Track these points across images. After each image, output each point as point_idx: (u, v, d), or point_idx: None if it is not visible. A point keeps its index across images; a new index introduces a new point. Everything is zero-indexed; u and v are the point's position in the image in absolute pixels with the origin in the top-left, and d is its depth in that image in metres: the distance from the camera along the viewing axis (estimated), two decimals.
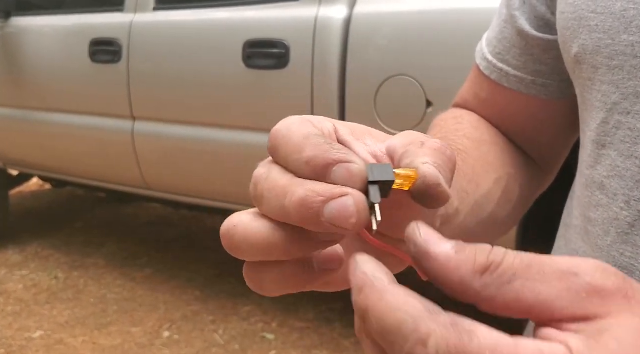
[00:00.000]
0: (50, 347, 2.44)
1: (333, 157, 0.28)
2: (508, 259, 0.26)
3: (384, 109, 1.97)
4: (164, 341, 2.47)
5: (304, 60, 2.11)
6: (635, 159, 0.41)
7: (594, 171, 0.45)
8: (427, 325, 0.24)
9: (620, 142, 0.43)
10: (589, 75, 0.45)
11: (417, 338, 0.24)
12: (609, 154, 0.44)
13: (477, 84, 0.61)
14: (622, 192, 0.42)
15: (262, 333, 2.50)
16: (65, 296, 2.88)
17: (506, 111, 0.59)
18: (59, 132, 2.96)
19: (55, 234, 3.61)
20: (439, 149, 0.30)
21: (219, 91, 2.37)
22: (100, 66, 2.69)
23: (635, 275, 0.41)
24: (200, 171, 2.53)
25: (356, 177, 0.28)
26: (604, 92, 0.44)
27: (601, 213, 0.44)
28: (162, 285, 2.94)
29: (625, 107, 0.42)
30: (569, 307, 0.25)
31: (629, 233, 0.42)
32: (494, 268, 0.26)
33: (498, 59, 0.57)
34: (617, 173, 0.43)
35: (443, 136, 0.54)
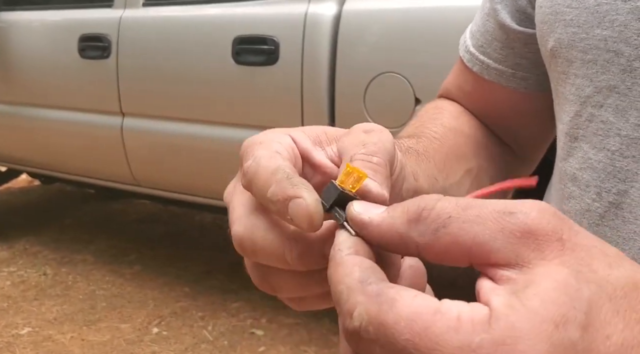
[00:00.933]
0: (38, 344, 2.43)
1: (288, 193, 0.30)
2: (442, 203, 0.26)
3: (373, 106, 1.98)
4: (152, 337, 2.47)
5: (294, 56, 2.11)
6: (606, 151, 0.42)
7: (567, 164, 0.46)
8: (355, 297, 0.25)
9: (593, 134, 0.43)
10: (564, 69, 0.46)
11: (347, 310, 0.25)
12: (581, 147, 0.45)
13: (460, 75, 0.62)
14: (594, 184, 0.43)
15: (251, 329, 2.51)
16: (53, 292, 2.87)
17: (487, 103, 0.60)
18: (47, 128, 2.94)
19: (43, 231, 3.59)
20: (365, 159, 0.32)
21: (208, 87, 2.36)
22: (89, 62, 2.67)
23: None
24: (189, 168, 2.53)
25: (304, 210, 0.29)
26: (577, 85, 0.44)
27: (573, 204, 0.45)
28: (151, 281, 2.93)
29: (598, 101, 0.43)
30: (502, 249, 0.24)
31: (600, 224, 0.43)
32: (426, 214, 0.26)
33: (480, 52, 0.59)
34: (589, 165, 0.44)
35: (420, 124, 0.55)
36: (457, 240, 0.25)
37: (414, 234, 0.26)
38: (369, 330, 0.24)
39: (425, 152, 0.49)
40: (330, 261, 0.27)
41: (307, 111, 2.12)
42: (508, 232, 0.24)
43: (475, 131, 0.59)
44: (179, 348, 2.39)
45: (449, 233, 0.25)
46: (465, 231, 0.25)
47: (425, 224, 0.26)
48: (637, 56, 0.40)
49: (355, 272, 0.26)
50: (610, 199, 0.42)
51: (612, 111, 0.42)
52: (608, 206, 0.42)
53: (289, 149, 0.34)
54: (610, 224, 0.42)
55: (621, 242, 0.41)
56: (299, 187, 0.30)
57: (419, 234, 0.26)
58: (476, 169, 0.55)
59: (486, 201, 0.26)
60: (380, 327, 0.24)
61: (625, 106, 0.41)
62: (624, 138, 0.41)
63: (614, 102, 0.42)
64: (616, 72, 0.41)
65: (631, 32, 0.40)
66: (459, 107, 0.62)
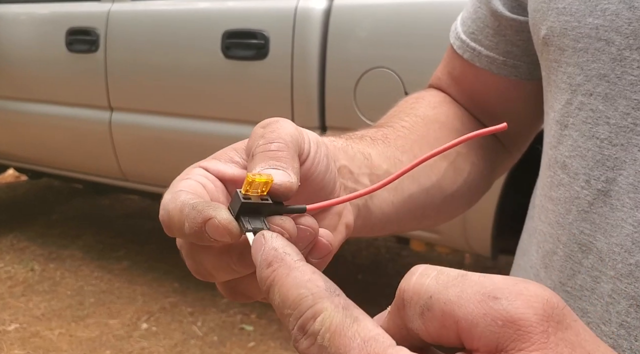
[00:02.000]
0: (25, 340, 2.41)
1: (198, 221, 0.31)
2: (418, 280, 0.25)
3: (364, 101, 1.98)
4: (142, 333, 2.46)
5: (284, 51, 2.10)
6: (595, 139, 0.43)
7: (557, 151, 0.47)
8: (322, 303, 0.25)
9: (582, 122, 0.44)
10: (556, 57, 0.46)
11: (312, 313, 0.25)
12: (570, 135, 0.45)
13: (450, 63, 0.62)
14: (583, 172, 0.43)
15: (241, 325, 2.50)
16: (41, 288, 2.85)
17: (477, 90, 0.60)
18: (35, 122, 2.91)
19: (31, 226, 3.56)
20: (264, 149, 0.34)
21: (197, 82, 2.35)
22: (77, 56, 2.65)
23: (593, 252, 0.43)
24: (178, 163, 2.50)
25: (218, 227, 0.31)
26: (569, 73, 0.45)
27: (563, 192, 0.45)
28: (139, 277, 2.92)
29: (588, 89, 0.43)
30: (484, 336, 0.23)
31: (588, 211, 0.43)
32: (408, 297, 0.25)
33: (471, 39, 0.59)
34: (579, 153, 0.44)
35: (393, 115, 0.56)
36: (443, 324, 0.24)
37: (405, 321, 0.26)
38: (325, 337, 0.25)
39: (384, 138, 0.50)
40: (275, 262, 0.27)
41: (297, 106, 2.12)
42: (490, 319, 0.23)
43: (452, 119, 0.59)
44: (169, 343, 2.38)
45: (434, 317, 0.24)
46: (448, 315, 0.24)
47: (411, 308, 0.25)
48: (627, 45, 0.40)
49: (318, 280, 0.26)
50: (599, 187, 0.42)
51: (601, 99, 0.42)
52: (597, 194, 0.42)
53: (201, 179, 0.36)
54: (599, 211, 0.42)
55: (609, 230, 0.41)
56: (205, 211, 0.31)
57: (409, 321, 0.25)
58: (453, 154, 0.55)
59: (471, 277, 0.25)
60: (337, 337, 0.24)
61: (615, 94, 0.41)
62: (612, 126, 0.42)
63: (603, 90, 0.42)
64: (606, 60, 0.42)
65: (622, 21, 0.41)
66: (440, 97, 0.62)
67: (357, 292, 0.32)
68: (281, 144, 0.34)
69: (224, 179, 0.37)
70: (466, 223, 1.88)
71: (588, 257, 0.43)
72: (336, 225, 0.41)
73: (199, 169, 0.37)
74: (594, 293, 0.42)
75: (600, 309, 0.42)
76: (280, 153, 0.33)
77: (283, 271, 0.27)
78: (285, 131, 0.35)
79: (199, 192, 0.35)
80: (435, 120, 0.57)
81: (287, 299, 0.26)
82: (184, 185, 0.35)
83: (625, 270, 0.40)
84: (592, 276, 0.43)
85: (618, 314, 0.40)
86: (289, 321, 0.26)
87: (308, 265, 0.27)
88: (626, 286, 0.40)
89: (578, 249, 0.44)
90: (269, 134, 0.35)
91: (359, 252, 2.95)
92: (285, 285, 0.27)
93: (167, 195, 0.35)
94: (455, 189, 0.56)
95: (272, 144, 0.34)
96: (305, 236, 0.33)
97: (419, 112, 0.57)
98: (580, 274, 0.43)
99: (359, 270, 2.62)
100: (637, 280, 0.39)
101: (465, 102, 0.62)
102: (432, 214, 0.56)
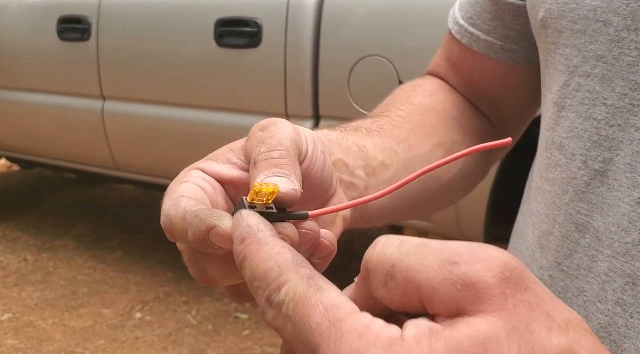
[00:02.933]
0: (19, 330, 2.41)
1: (202, 229, 0.31)
2: (381, 250, 0.26)
3: (357, 89, 1.97)
4: (136, 323, 2.46)
5: (277, 39, 2.09)
6: (592, 120, 0.43)
7: (554, 133, 0.47)
8: (287, 275, 0.26)
9: (580, 104, 0.44)
10: (554, 39, 0.46)
11: (277, 285, 0.26)
12: (568, 116, 0.45)
13: (449, 48, 0.62)
14: (580, 153, 0.44)
15: (236, 313, 2.51)
16: (34, 278, 2.84)
17: (474, 75, 0.61)
18: (26, 111, 2.89)
19: (23, 216, 3.55)
20: (267, 157, 0.34)
21: (190, 70, 2.34)
22: (69, 44, 2.63)
23: (590, 231, 0.43)
24: (171, 152, 2.50)
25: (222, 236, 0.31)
26: (567, 55, 0.45)
27: (560, 173, 0.46)
28: (133, 267, 2.92)
29: (586, 70, 0.43)
30: (444, 301, 0.24)
31: (585, 192, 0.43)
32: (372, 267, 0.26)
33: (469, 24, 0.59)
34: (576, 134, 0.44)
35: (390, 103, 0.57)
36: (406, 291, 0.25)
37: (370, 291, 0.26)
38: (290, 307, 0.25)
39: (379, 129, 0.50)
40: (248, 238, 0.28)
41: (290, 94, 2.11)
42: (450, 283, 0.24)
43: (449, 107, 0.59)
44: (163, 332, 2.38)
45: (397, 284, 0.25)
46: (410, 282, 0.25)
47: (375, 278, 0.26)
48: (625, 26, 0.41)
49: (286, 253, 0.27)
50: (596, 168, 0.43)
51: (598, 80, 0.43)
52: (594, 174, 0.43)
53: (200, 182, 0.36)
54: (596, 192, 0.43)
55: (606, 209, 0.42)
56: (209, 219, 0.31)
57: (374, 290, 0.26)
58: (449, 143, 0.55)
59: (432, 244, 0.25)
60: (300, 306, 0.25)
61: (612, 75, 0.42)
62: (610, 107, 0.42)
63: (600, 71, 0.42)
64: (604, 42, 0.42)
65: (620, 2, 0.41)
66: (437, 85, 0.62)
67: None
68: (283, 152, 0.34)
69: (222, 181, 0.37)
70: (459, 211, 1.88)
71: (585, 236, 0.43)
72: (334, 219, 0.41)
73: (196, 171, 0.37)
74: (590, 272, 0.43)
75: (596, 288, 0.42)
76: (283, 161, 0.34)
77: (254, 246, 0.28)
78: (285, 135, 0.35)
79: (199, 196, 0.35)
80: (432, 108, 0.57)
81: (257, 273, 0.27)
82: (184, 189, 0.35)
83: (621, 249, 0.41)
84: (589, 255, 0.43)
85: (614, 292, 0.41)
86: (258, 294, 0.27)
87: (279, 240, 0.28)
88: (622, 264, 0.40)
89: (575, 229, 0.44)
90: (269, 140, 0.35)
91: (352, 242, 2.96)
92: (255, 260, 0.27)
93: (168, 201, 0.35)
94: (451, 178, 0.56)
95: (274, 152, 0.34)
96: (308, 239, 0.33)
97: (415, 101, 0.57)
98: (577, 254, 0.44)
99: (353, 259, 2.63)
100: (633, 258, 0.40)
101: (463, 88, 0.62)
102: (427, 203, 0.56)
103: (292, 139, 0.36)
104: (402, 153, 0.49)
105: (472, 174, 0.60)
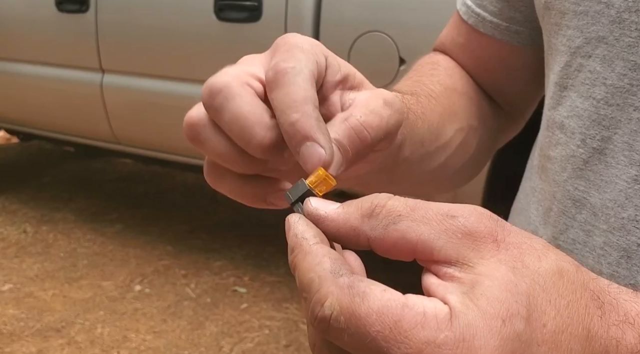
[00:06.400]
0: (20, 300, 2.44)
1: (312, 134, 0.32)
2: (392, 202, 0.29)
3: (357, 65, 1.92)
4: (135, 295, 2.49)
5: (277, 13, 2.08)
6: (592, 99, 0.44)
7: (555, 112, 0.48)
8: (327, 287, 0.27)
9: (581, 84, 0.45)
10: (557, 21, 0.47)
11: (318, 298, 0.27)
12: (569, 96, 0.46)
13: (456, 28, 0.63)
14: (579, 131, 0.45)
15: (234, 287, 2.53)
16: (34, 250, 2.86)
17: (480, 57, 0.61)
18: (25, 83, 2.88)
19: (22, 189, 3.55)
20: (355, 127, 0.35)
21: (189, 44, 2.32)
22: (67, 16, 2.60)
23: (587, 207, 0.44)
24: (171, 126, 2.50)
25: (319, 160, 0.32)
26: (569, 36, 0.46)
27: (560, 151, 0.47)
28: (133, 240, 2.94)
29: (587, 51, 0.44)
30: (444, 248, 0.28)
31: (583, 169, 0.45)
32: (378, 210, 0.29)
33: (476, 5, 0.59)
34: (576, 113, 0.45)
35: (418, 79, 0.57)
36: (405, 236, 0.28)
37: (366, 228, 0.29)
38: (340, 320, 0.26)
39: (423, 115, 0.50)
40: (295, 248, 0.29)
41: None
42: (450, 233, 0.28)
43: (468, 88, 0.60)
44: (162, 305, 2.41)
45: (398, 230, 0.28)
46: (412, 229, 0.28)
47: (378, 219, 0.29)
48: (626, 7, 0.41)
49: (325, 262, 0.28)
50: (594, 146, 0.44)
51: (599, 61, 0.43)
52: (592, 152, 0.44)
53: (320, 71, 0.36)
54: (594, 169, 0.44)
55: (603, 186, 0.43)
56: (325, 135, 0.33)
57: (370, 229, 0.29)
58: (467, 128, 0.56)
59: (431, 203, 0.29)
60: (352, 318, 0.26)
61: (612, 56, 0.42)
62: (609, 87, 0.43)
63: (601, 52, 0.43)
64: (605, 23, 0.42)
65: None
66: (452, 63, 0.63)
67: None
68: (367, 137, 0.35)
69: (322, 93, 0.37)
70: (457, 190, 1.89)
71: (582, 212, 0.45)
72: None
73: (314, 66, 0.36)
74: (586, 246, 0.44)
75: (592, 261, 0.44)
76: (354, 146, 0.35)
77: (300, 256, 0.29)
78: (389, 124, 0.37)
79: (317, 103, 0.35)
80: (454, 90, 0.58)
81: (302, 284, 0.28)
82: (314, 73, 0.35)
83: (617, 224, 0.42)
84: (585, 230, 0.44)
85: (609, 265, 0.42)
86: (306, 305, 0.28)
87: (322, 247, 0.29)
88: (618, 238, 0.42)
89: (572, 204, 0.45)
90: (375, 117, 0.36)
91: None
92: (301, 270, 0.28)
93: (300, 64, 0.34)
94: (461, 165, 0.57)
95: (364, 131, 0.35)
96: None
97: (440, 80, 0.58)
98: (573, 229, 0.45)
99: None
100: (628, 233, 0.41)
101: (469, 69, 0.63)
102: (430, 188, 0.58)
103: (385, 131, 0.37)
104: (426, 145, 0.51)
105: (478, 160, 0.61)
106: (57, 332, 2.23)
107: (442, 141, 0.53)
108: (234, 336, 2.22)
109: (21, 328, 2.25)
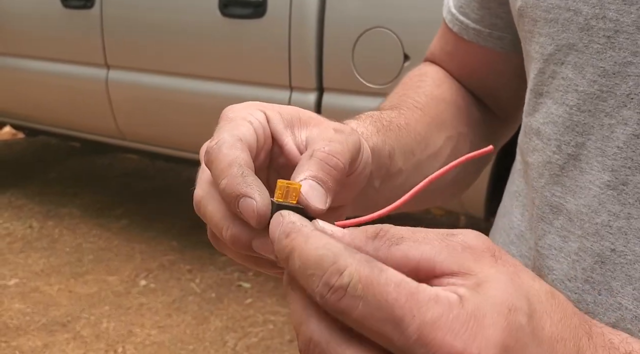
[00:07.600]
0: (25, 294, 2.45)
1: (240, 191, 0.33)
2: (395, 228, 0.30)
3: (362, 61, 1.96)
4: (140, 289, 2.50)
5: (282, 9, 2.08)
6: (566, 106, 0.44)
7: (532, 118, 0.49)
8: (345, 259, 0.28)
9: (555, 90, 0.46)
10: (530, 28, 0.48)
11: (335, 269, 0.28)
12: (545, 102, 0.47)
13: (443, 37, 0.64)
14: (555, 137, 0.45)
15: (238, 282, 2.54)
16: (40, 245, 2.88)
17: (468, 64, 0.62)
18: (30, 79, 2.89)
19: (28, 184, 3.57)
20: (324, 159, 0.36)
21: (194, 40, 2.33)
22: (73, 12, 2.61)
23: (563, 213, 0.45)
24: (176, 122, 2.51)
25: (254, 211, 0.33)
26: (541, 43, 0.46)
27: (537, 157, 0.47)
28: (138, 235, 2.95)
29: (559, 58, 0.45)
30: (446, 261, 0.29)
31: (560, 175, 0.45)
32: (382, 233, 0.30)
33: (460, 12, 0.60)
34: (551, 120, 0.46)
35: (403, 93, 0.58)
36: (407, 255, 0.29)
37: (370, 249, 0.30)
38: (357, 287, 0.27)
39: (407, 126, 0.52)
40: (292, 232, 0.30)
41: (294, 66, 2.10)
42: (451, 248, 0.30)
43: (456, 97, 0.61)
44: (167, 300, 2.42)
45: (400, 249, 0.30)
46: (414, 248, 0.29)
47: (382, 241, 0.30)
48: (594, 15, 0.42)
49: (336, 243, 0.29)
50: (569, 152, 0.44)
51: (571, 67, 0.44)
52: (567, 158, 0.44)
53: (259, 128, 0.38)
54: (569, 175, 0.44)
55: (578, 192, 0.43)
56: (251, 187, 0.33)
57: (374, 249, 0.30)
58: (456, 136, 0.57)
59: (429, 230, 0.31)
60: (370, 286, 0.27)
61: (583, 63, 0.43)
62: (581, 93, 0.43)
63: (572, 59, 0.44)
64: (575, 30, 0.43)
65: None
66: (441, 73, 0.64)
67: None
68: (339, 163, 0.36)
69: (277, 141, 0.39)
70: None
71: (558, 218, 0.45)
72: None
73: (262, 115, 0.39)
74: (561, 252, 0.45)
75: (566, 267, 0.44)
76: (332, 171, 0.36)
77: (301, 238, 0.29)
78: (350, 148, 0.38)
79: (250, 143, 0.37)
80: (442, 99, 0.59)
81: (309, 261, 0.28)
82: (246, 131, 0.37)
83: (592, 229, 0.42)
84: (561, 236, 0.45)
85: (584, 270, 0.43)
86: (312, 281, 0.28)
87: (323, 233, 0.30)
88: (592, 244, 0.42)
89: (550, 211, 0.46)
90: (336, 144, 0.37)
91: None
92: (305, 250, 0.29)
93: (226, 134, 0.36)
94: (454, 174, 0.58)
95: (333, 158, 0.36)
96: None
97: (426, 91, 0.59)
98: (550, 234, 0.46)
99: None
100: (602, 238, 0.42)
101: (458, 76, 0.64)
102: (433, 197, 0.60)
103: (352, 154, 0.38)
104: (417, 154, 0.52)
105: (474, 166, 0.62)
106: (63, 326, 2.25)
107: (432, 150, 0.54)
108: (239, 330, 2.23)
109: (27, 323, 2.27)
